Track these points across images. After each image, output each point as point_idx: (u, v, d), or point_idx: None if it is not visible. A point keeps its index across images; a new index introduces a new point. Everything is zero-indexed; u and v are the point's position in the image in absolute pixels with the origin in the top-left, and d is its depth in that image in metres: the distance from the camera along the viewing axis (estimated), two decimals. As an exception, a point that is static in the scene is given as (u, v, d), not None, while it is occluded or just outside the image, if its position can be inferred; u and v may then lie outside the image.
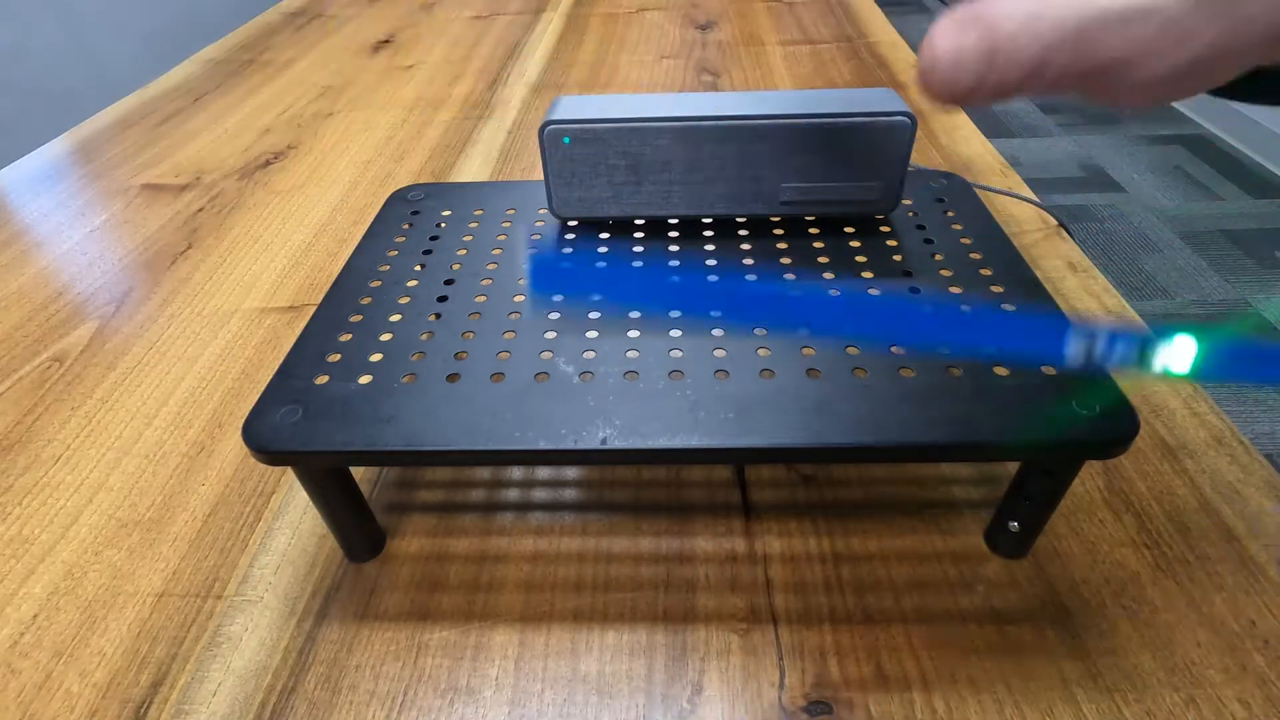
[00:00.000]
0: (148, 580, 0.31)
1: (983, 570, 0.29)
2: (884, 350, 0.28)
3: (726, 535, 0.31)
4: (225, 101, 0.76)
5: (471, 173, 0.60)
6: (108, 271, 0.50)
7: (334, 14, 0.99)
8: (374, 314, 0.31)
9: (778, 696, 0.25)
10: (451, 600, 0.29)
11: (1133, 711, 0.24)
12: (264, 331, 0.44)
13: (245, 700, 0.26)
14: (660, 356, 0.28)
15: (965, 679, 0.26)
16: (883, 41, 0.81)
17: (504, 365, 0.28)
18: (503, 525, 0.32)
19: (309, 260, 0.50)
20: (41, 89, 1.61)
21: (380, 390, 0.27)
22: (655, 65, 0.79)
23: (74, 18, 1.70)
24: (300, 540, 0.32)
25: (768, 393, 0.26)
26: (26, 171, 0.65)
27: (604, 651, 0.27)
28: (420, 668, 0.27)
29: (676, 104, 0.34)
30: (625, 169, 0.34)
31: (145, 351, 0.43)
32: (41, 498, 0.34)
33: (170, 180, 0.62)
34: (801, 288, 0.29)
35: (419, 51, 0.87)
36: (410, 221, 0.37)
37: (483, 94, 0.74)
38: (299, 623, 0.29)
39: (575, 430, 0.25)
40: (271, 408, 0.26)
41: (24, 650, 0.28)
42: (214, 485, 0.34)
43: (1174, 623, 0.27)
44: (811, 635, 0.27)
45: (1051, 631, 0.27)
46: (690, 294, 0.24)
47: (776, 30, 0.87)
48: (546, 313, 0.31)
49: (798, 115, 0.33)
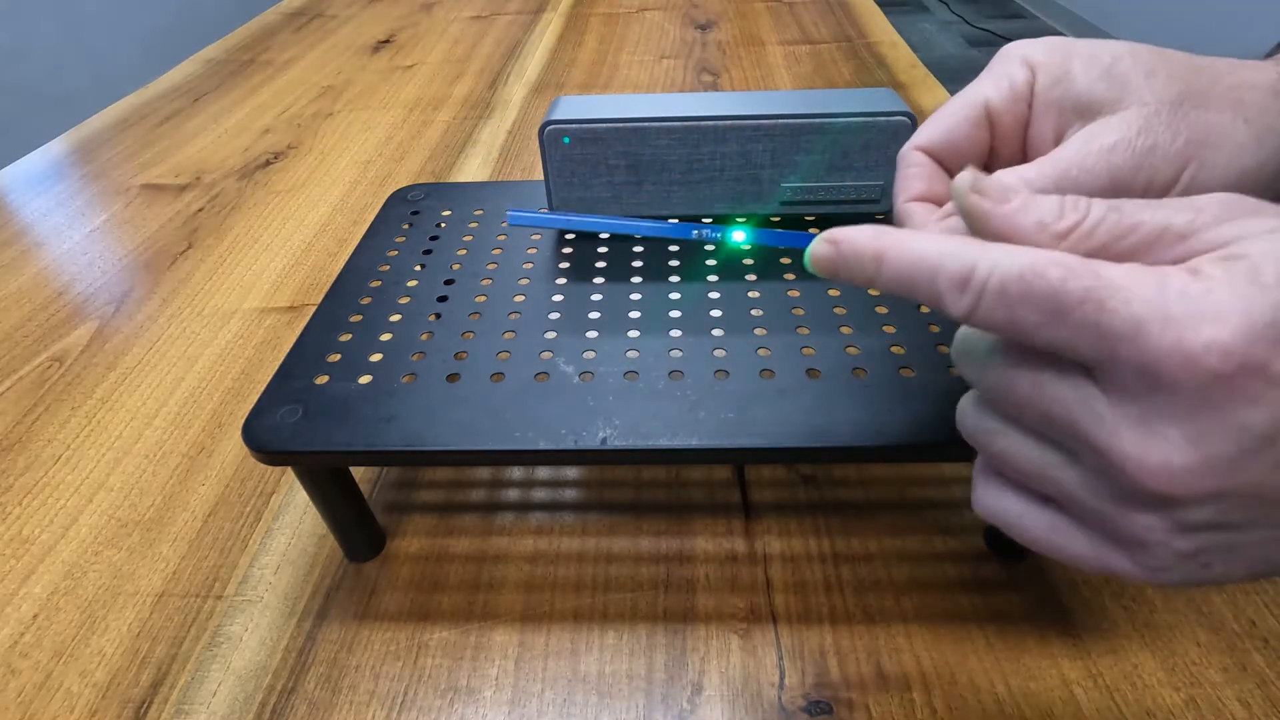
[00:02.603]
0: (148, 580, 0.31)
1: (983, 570, 0.29)
2: (883, 349, 0.28)
3: (726, 535, 0.31)
4: (225, 101, 0.76)
5: (471, 173, 0.60)
6: (108, 271, 0.50)
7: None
8: (374, 314, 0.31)
9: (778, 696, 0.25)
10: (451, 600, 0.29)
11: (1133, 711, 0.24)
12: (264, 331, 0.44)
13: (245, 700, 0.26)
14: (660, 356, 0.28)
15: (965, 679, 0.26)
16: (883, 41, 0.81)
17: (504, 365, 0.28)
18: (503, 525, 0.32)
19: (309, 260, 0.50)
20: (41, 89, 1.61)
21: (380, 390, 0.27)
22: (655, 65, 0.79)
23: (74, 18, 1.70)
24: (300, 540, 0.32)
25: (768, 393, 0.26)
26: (26, 171, 0.64)
27: (604, 651, 0.27)
28: (420, 668, 0.27)
29: (676, 104, 0.34)
30: (625, 169, 0.34)
31: (145, 351, 0.43)
32: (41, 498, 0.34)
33: (170, 180, 0.62)
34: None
35: (419, 51, 0.87)
36: (410, 221, 0.37)
37: (483, 94, 0.74)
38: (299, 623, 0.29)
39: (575, 430, 0.25)
40: (271, 408, 0.26)
41: (24, 650, 0.28)
42: (214, 485, 0.34)
43: (1174, 623, 0.27)
44: (811, 635, 0.27)
45: (1051, 631, 0.27)
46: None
47: (776, 30, 0.87)
48: (546, 313, 0.31)
49: (798, 115, 0.33)
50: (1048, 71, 0.23)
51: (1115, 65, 0.22)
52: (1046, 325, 0.15)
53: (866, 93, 0.34)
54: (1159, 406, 0.15)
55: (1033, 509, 0.18)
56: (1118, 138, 0.21)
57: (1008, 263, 0.16)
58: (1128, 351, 0.15)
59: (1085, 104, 0.22)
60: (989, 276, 0.16)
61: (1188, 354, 0.14)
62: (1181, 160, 0.20)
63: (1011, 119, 0.23)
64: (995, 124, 0.24)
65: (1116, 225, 0.17)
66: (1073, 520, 0.18)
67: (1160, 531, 0.16)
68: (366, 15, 1.00)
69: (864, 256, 0.18)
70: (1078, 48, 0.23)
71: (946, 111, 0.24)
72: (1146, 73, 0.21)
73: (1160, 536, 0.16)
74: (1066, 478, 0.17)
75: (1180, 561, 0.16)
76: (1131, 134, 0.21)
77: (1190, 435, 0.15)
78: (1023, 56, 0.23)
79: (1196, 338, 0.14)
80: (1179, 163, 0.20)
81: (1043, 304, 0.15)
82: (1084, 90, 0.22)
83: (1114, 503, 0.16)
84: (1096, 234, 0.17)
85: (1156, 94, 0.21)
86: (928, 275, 0.17)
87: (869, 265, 0.18)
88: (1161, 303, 0.14)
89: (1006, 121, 0.23)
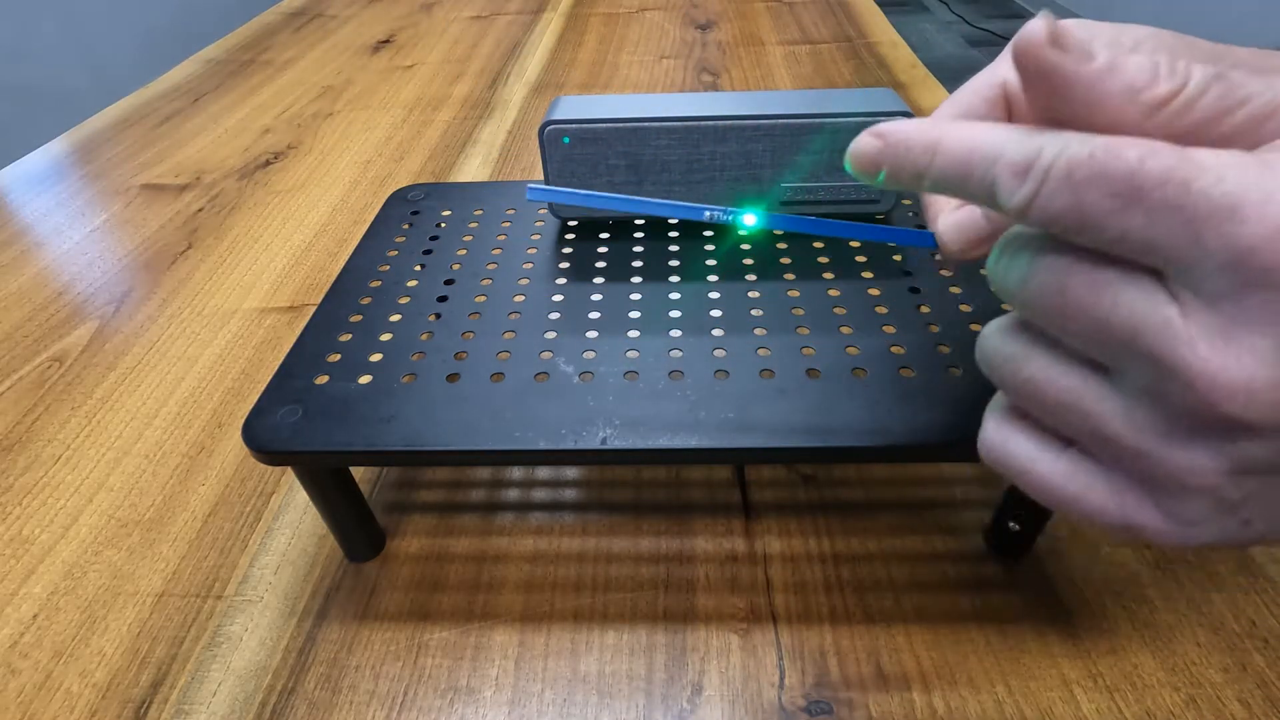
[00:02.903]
0: (148, 580, 0.31)
1: (983, 570, 0.29)
2: (883, 349, 0.28)
3: (726, 535, 0.31)
4: (225, 101, 0.76)
5: (471, 173, 0.60)
6: (108, 271, 0.50)
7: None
8: (374, 314, 0.31)
9: (778, 696, 0.25)
10: (451, 600, 0.29)
11: (1133, 711, 0.24)
12: (264, 331, 0.44)
13: (245, 700, 0.26)
14: (660, 356, 0.28)
15: (965, 679, 0.26)
16: (883, 41, 0.81)
17: (504, 365, 0.28)
18: (503, 525, 0.32)
19: (309, 260, 0.50)
20: (41, 89, 1.61)
21: (380, 390, 0.27)
22: (655, 65, 0.79)
23: (74, 18, 1.70)
24: (300, 540, 0.32)
25: (768, 393, 0.26)
26: (26, 171, 0.64)
27: (604, 651, 0.27)
28: (420, 668, 0.27)
29: (676, 104, 0.34)
30: (625, 169, 0.34)
31: (145, 351, 0.43)
32: (42, 498, 0.34)
33: (170, 180, 0.62)
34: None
35: (419, 51, 0.87)
36: (410, 221, 0.37)
37: (483, 94, 0.74)
38: (299, 623, 0.29)
39: (575, 430, 0.25)
40: (271, 408, 0.26)
41: (24, 650, 0.28)
42: (214, 485, 0.34)
43: (1174, 623, 0.27)
44: (811, 635, 0.27)
45: (1051, 631, 0.27)
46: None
47: (776, 30, 0.87)
48: (546, 313, 0.31)
49: (798, 115, 0.33)
50: None
51: (1139, 48, 0.20)
52: (1118, 212, 0.13)
53: (866, 93, 0.34)
54: (1247, 310, 0.13)
55: (1048, 454, 0.17)
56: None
57: (1078, 144, 0.14)
58: (1216, 238, 0.12)
59: None
60: (1055, 159, 0.14)
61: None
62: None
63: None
64: (1013, 105, 0.22)
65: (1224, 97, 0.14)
66: (1095, 466, 0.16)
67: (1210, 472, 0.14)
68: (366, 15, 1.00)
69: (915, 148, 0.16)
70: (1099, 30, 0.22)
71: (964, 92, 0.23)
72: (1171, 56, 0.21)
73: (1208, 479, 0.14)
74: (1104, 409, 0.15)
75: (1219, 514, 0.15)
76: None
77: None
78: None
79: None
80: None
81: (1116, 185, 0.13)
82: None
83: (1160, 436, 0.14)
84: (1199, 106, 0.14)
85: None
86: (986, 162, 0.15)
87: (921, 157, 0.16)
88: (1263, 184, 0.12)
89: (1024, 103, 0.22)
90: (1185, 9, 2.17)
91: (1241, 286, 0.13)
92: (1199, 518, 0.15)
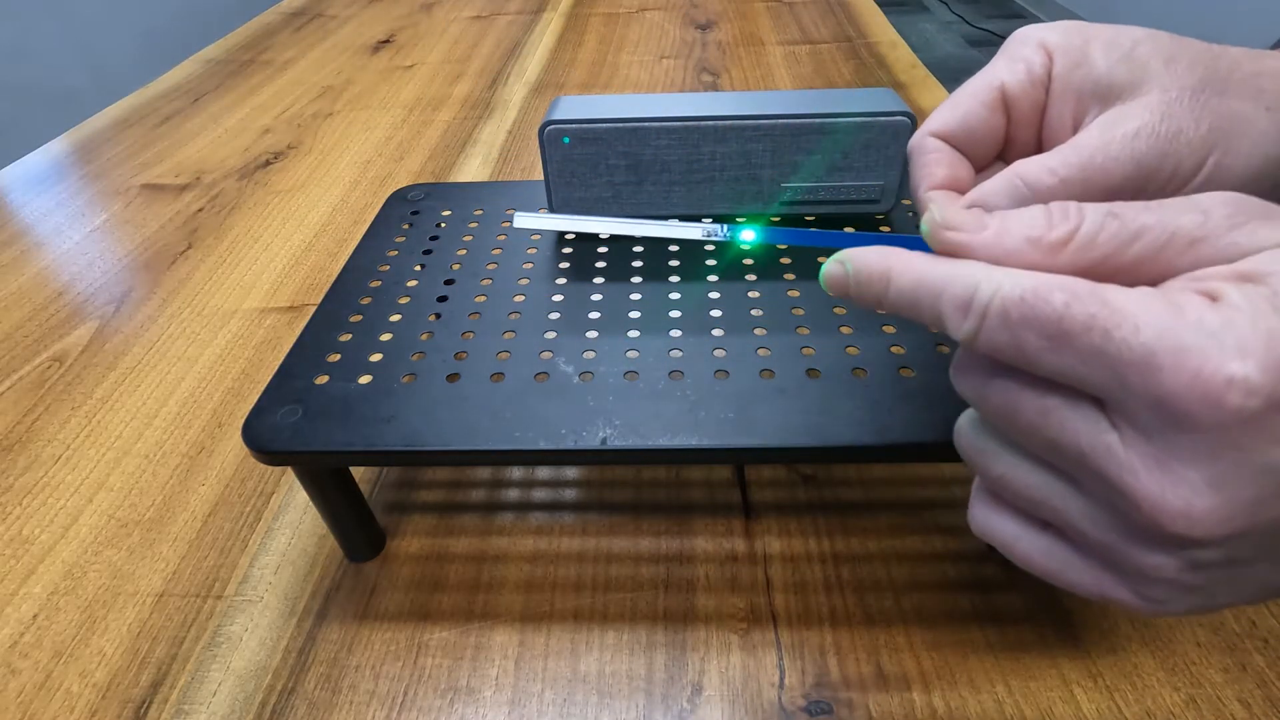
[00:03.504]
0: (148, 580, 0.31)
1: (983, 570, 0.29)
2: (883, 349, 0.28)
3: (726, 535, 0.31)
4: (225, 101, 0.76)
5: (471, 173, 0.60)
6: (108, 271, 0.50)
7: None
8: (374, 314, 0.31)
9: (778, 696, 0.25)
10: (451, 600, 0.29)
11: (1133, 711, 0.24)
12: (264, 331, 0.44)
13: (245, 700, 0.26)
14: (660, 356, 0.28)
15: (965, 679, 0.26)
16: (883, 41, 0.81)
17: (504, 365, 0.28)
18: (503, 525, 0.32)
19: (309, 260, 0.50)
20: (41, 89, 1.61)
21: (380, 390, 0.27)
22: (655, 65, 0.79)
23: (74, 18, 1.70)
24: (300, 540, 0.32)
25: (768, 393, 0.26)
26: (26, 171, 0.64)
27: (604, 651, 0.27)
28: (420, 668, 0.27)
29: (676, 104, 0.34)
30: (625, 169, 0.34)
31: (145, 351, 0.43)
32: (41, 498, 0.34)
33: (170, 180, 0.62)
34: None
35: (419, 51, 0.87)
36: (410, 221, 0.37)
37: (483, 94, 0.74)
38: (299, 623, 0.29)
39: (575, 430, 0.25)
40: (271, 408, 0.26)
41: (24, 650, 0.28)
42: (214, 485, 0.34)
43: (1174, 623, 0.27)
44: (811, 635, 0.27)
45: (1051, 631, 0.27)
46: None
47: (776, 30, 0.87)
48: (546, 313, 0.31)
49: (798, 115, 0.33)
50: (1066, 55, 0.22)
51: (1135, 50, 0.21)
52: (1051, 351, 0.15)
53: (866, 93, 0.34)
54: (1177, 445, 0.14)
55: (1030, 533, 0.18)
56: (1140, 124, 0.20)
57: (1010, 285, 0.15)
58: (1139, 383, 0.14)
59: (1105, 89, 0.21)
60: (991, 299, 0.15)
61: (1209, 390, 0.13)
62: (1205, 148, 0.20)
63: (1028, 104, 0.23)
64: (1011, 109, 0.23)
65: (1119, 232, 0.16)
66: (1072, 548, 0.17)
67: (1170, 569, 0.15)
68: (366, 15, 1.00)
69: (873, 275, 0.17)
70: (1095, 31, 0.22)
71: (961, 96, 0.23)
72: (1166, 59, 0.21)
73: (1169, 574, 0.15)
74: (1070, 508, 0.16)
75: (1185, 594, 0.16)
76: (1155, 119, 0.20)
77: (1212, 478, 0.14)
78: (1039, 40, 0.23)
79: (1218, 372, 0.13)
80: (1203, 150, 0.20)
81: (1046, 329, 0.14)
82: (1104, 74, 0.21)
83: (1122, 537, 0.16)
84: (1098, 243, 0.16)
85: (1177, 80, 0.20)
86: (932, 297, 0.16)
87: (877, 284, 0.17)
88: (1175, 332, 0.13)
89: (1023, 106, 0.23)
90: (1185, 9, 2.17)
91: (1167, 426, 0.14)
92: (1166, 598, 0.16)
